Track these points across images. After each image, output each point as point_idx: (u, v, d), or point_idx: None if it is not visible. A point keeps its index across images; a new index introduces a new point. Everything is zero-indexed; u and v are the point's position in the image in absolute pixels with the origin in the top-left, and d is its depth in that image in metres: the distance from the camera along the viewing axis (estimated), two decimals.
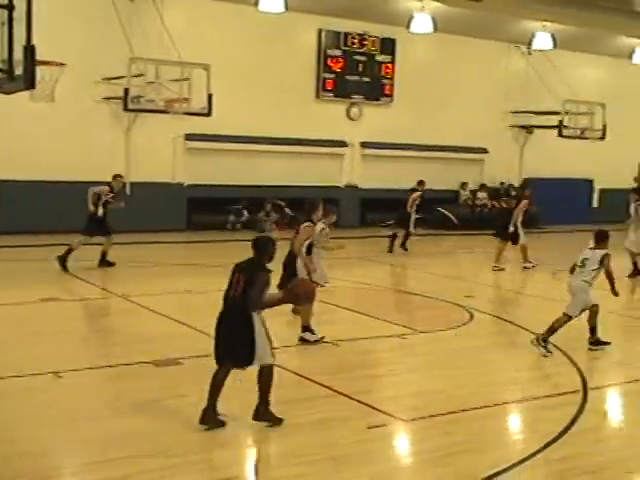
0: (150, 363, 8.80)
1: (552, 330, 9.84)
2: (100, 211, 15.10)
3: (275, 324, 7.67)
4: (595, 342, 10.17)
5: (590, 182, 28.64)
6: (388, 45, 24.21)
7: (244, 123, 21.81)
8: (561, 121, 24.05)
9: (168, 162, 21.21)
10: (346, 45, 23.57)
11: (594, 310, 10.03)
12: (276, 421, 6.97)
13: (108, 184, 15.32)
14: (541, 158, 26.53)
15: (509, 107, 26.42)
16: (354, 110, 24.08)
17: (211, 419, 6.84)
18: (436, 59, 25.10)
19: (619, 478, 6.45)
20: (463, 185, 25.84)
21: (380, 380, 8.95)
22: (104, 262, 15.34)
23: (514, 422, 7.96)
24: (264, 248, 7.05)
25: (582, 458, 6.68)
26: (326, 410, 7.49)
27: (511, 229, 16.91)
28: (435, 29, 22.45)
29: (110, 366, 8.79)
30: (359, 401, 7.78)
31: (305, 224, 10.22)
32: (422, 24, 22.28)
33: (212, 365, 6.93)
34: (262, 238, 7.34)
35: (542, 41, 24.46)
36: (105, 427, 6.92)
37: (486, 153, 26.04)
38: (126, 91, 17.83)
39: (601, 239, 10.32)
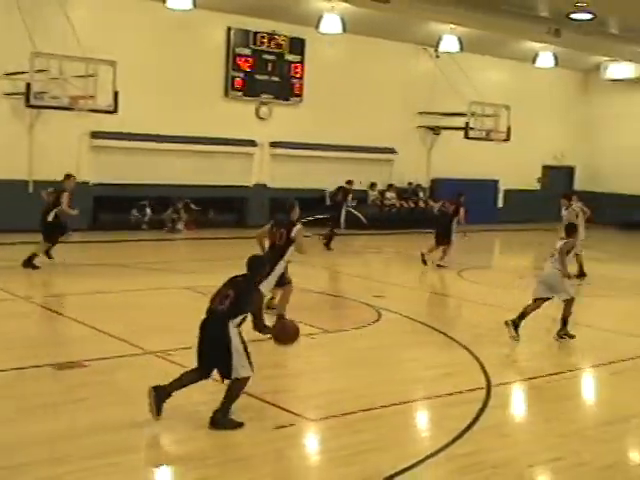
0: (51, 366, 8.58)
1: (523, 315, 10.99)
2: (73, 212, 15.11)
3: None
4: (564, 334, 11.01)
5: (495, 183, 29.34)
6: (297, 45, 24.24)
7: (152, 121, 21.51)
8: (467, 123, 24.56)
9: (73, 160, 20.70)
10: (255, 44, 23.49)
11: (569, 301, 10.98)
12: (236, 426, 6.94)
13: (63, 190, 15.08)
14: (448, 159, 27.04)
15: (417, 108, 26.82)
16: (264, 109, 24.03)
17: (158, 400, 6.86)
18: (345, 59, 25.27)
19: (521, 472, 6.60)
20: (372, 185, 26.08)
21: (288, 380, 8.95)
22: (30, 264, 14.74)
23: (421, 419, 8.07)
24: (259, 268, 7.41)
25: (486, 453, 6.81)
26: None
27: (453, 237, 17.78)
28: (344, 30, 22.59)
29: (3, 370, 8.50)
30: (266, 401, 7.75)
31: (298, 226, 10.61)
32: (331, 24, 22.40)
33: (119, 367, 6.80)
34: (257, 257, 7.59)
35: (449, 44, 24.90)
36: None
37: (394, 154, 26.36)
38: (28, 87, 17.33)
39: (570, 231, 11.33)
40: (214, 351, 6.92)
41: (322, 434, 7.29)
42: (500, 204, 29.69)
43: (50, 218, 14.99)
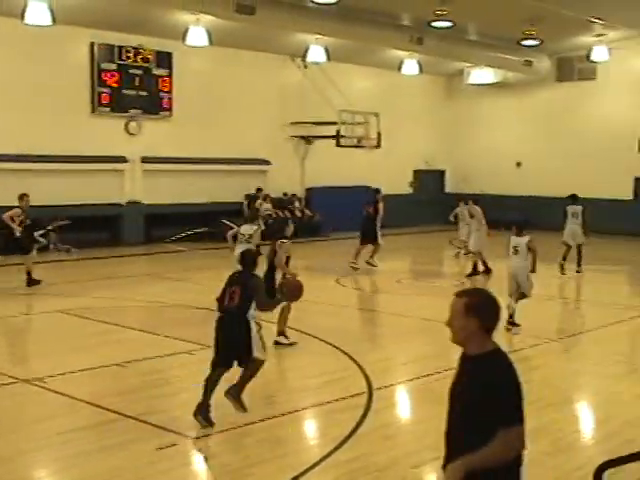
0: None
1: (511, 315, 11.93)
2: (17, 232, 15.77)
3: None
4: (512, 323, 11.87)
5: (368, 189, 29.80)
6: (164, 58, 23.97)
7: (16, 141, 20.81)
8: (338, 131, 24.89)
9: None
10: (121, 59, 23.09)
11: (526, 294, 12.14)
12: (243, 408, 7.62)
13: (18, 206, 15.97)
14: (322, 167, 27.33)
15: (288, 118, 27.01)
16: (133, 125, 23.62)
17: (204, 415, 7.47)
18: (214, 72, 25.19)
19: (405, 473, 6.72)
20: (247, 196, 25.93)
21: (168, 399, 8.81)
22: (32, 281, 15.69)
23: (305, 428, 8.11)
24: (253, 261, 8.09)
25: (370, 457, 6.91)
26: (113, 435, 7.27)
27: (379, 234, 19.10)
28: (211, 42, 22.49)
29: None
30: (147, 422, 7.61)
31: (282, 240, 11.15)
32: (197, 37, 22.24)
33: None
34: (250, 252, 8.37)
35: (316, 54, 25.15)
36: None
37: (268, 164, 26.43)
38: None
39: (521, 229, 12.31)
40: (235, 344, 7.61)
41: (206, 451, 7.21)
42: None
43: (17, 234, 15.87)
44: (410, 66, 27.79)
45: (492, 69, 29.88)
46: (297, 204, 27.41)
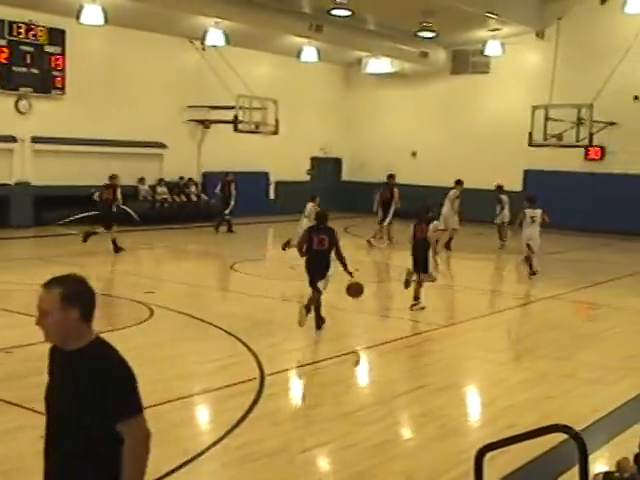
0: None
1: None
2: None
3: None
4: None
5: (266, 175, 29.81)
6: (57, 36, 23.22)
7: None
8: (236, 116, 24.72)
9: None
10: (11, 34, 22.26)
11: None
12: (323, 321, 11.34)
13: None
14: (219, 152, 27.09)
15: (185, 102, 26.67)
16: (23, 103, 22.84)
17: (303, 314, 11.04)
18: (110, 52, 24.61)
19: (295, 457, 6.75)
20: (141, 180, 25.56)
21: None
22: None
23: (197, 414, 8.06)
24: (327, 216, 11.51)
25: (260, 443, 6.91)
26: None
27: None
28: (107, 21, 21.92)
29: None
30: (33, 410, 7.40)
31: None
32: (92, 16, 21.62)
33: None
34: (325, 213, 11.68)
35: (215, 37, 24.87)
36: None
37: (164, 148, 26.04)
38: None
39: (534, 200, 16.33)
40: (324, 270, 11.16)
41: None
42: (272, 196, 30.19)
43: None
44: (309, 53, 27.83)
45: (389, 59, 30.22)
46: (193, 189, 27.13)
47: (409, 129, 31.62)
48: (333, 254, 11.25)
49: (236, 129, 24.92)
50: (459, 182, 21.99)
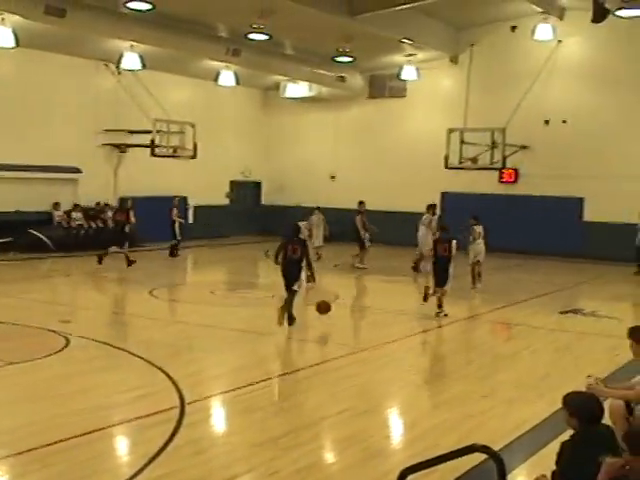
0: None
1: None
2: None
3: None
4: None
5: (185, 199, 29.52)
6: None
7: None
8: (153, 140, 24.46)
9: None
10: None
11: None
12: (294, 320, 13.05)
13: None
14: (136, 177, 26.78)
15: (101, 126, 26.30)
16: None
17: (290, 321, 12.94)
18: (21, 75, 24.09)
19: None
20: (55, 205, 25.03)
21: None
22: None
23: (116, 445, 7.86)
24: (300, 229, 13.57)
25: (181, 473, 6.78)
26: None
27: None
28: (17, 43, 21.46)
29: None
30: None
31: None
32: (3, 38, 21.15)
33: None
34: (297, 224, 13.70)
35: (130, 61, 24.60)
36: None
37: (79, 173, 25.55)
38: None
39: (478, 217, 18.61)
40: (295, 275, 13.00)
41: (10, 474, 6.84)
42: (191, 220, 29.94)
43: None
44: (227, 77, 27.84)
45: (307, 83, 30.47)
46: (109, 214, 26.64)
47: (328, 152, 31.87)
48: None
49: (153, 153, 24.65)
50: (432, 206, 22.60)
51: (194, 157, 25.80)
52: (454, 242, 14.77)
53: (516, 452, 7.53)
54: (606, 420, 6.20)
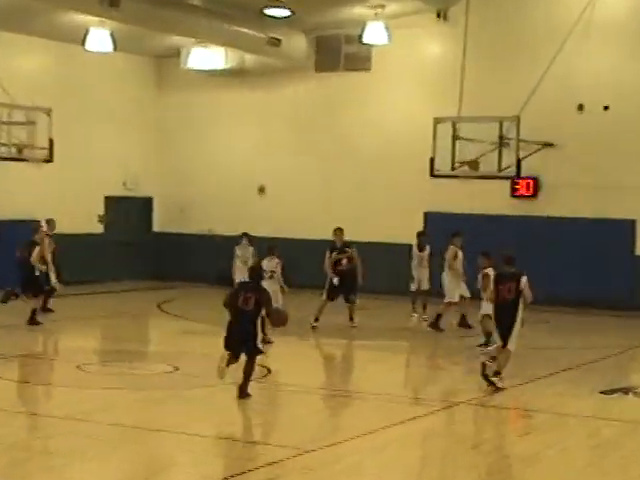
0: None
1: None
2: None
3: None
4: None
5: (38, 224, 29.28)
6: None
7: None
8: None
9: None
10: None
11: None
12: (248, 396, 14.24)
13: None
14: None
15: None
16: None
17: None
18: None
19: None
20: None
21: None
22: None
23: None
24: (261, 274, 15.78)
25: None
26: None
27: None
28: None
29: None
30: None
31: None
32: None
33: None
34: (257, 267, 16.17)
35: None
36: None
37: None
38: None
39: (489, 256, 18.79)
40: (247, 337, 14.37)
41: None
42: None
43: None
44: (99, 39, 27.58)
45: (223, 48, 30.40)
46: None
47: (254, 153, 31.94)
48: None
49: None
50: (422, 234, 24.15)
51: (50, 160, 25.59)
52: (523, 279, 15.56)
53: None
54: None
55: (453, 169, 25.30)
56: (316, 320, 22.62)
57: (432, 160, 25.12)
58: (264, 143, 31.88)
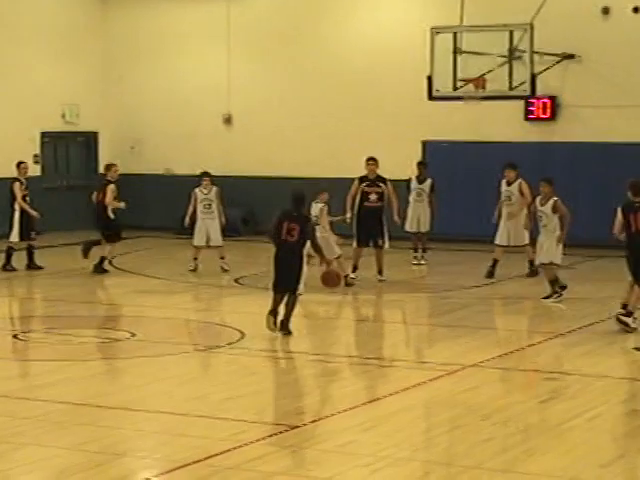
0: None
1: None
2: None
3: None
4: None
5: None
6: None
7: None
8: None
9: None
10: None
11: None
12: (290, 332, 16.61)
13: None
14: None
15: None
16: None
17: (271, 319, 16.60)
18: None
19: None
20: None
21: None
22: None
23: None
24: (305, 200, 17.00)
25: None
26: None
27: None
28: None
29: None
30: None
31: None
32: None
33: None
34: (300, 192, 16.79)
35: None
36: None
37: None
38: None
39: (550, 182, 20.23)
40: (292, 271, 16.45)
41: None
42: None
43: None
44: None
45: None
46: None
47: (218, 76, 31.86)
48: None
49: None
50: (422, 163, 24.87)
51: None
52: None
53: None
54: None
55: (455, 89, 25.30)
56: (354, 270, 22.92)
57: (430, 79, 25.11)
58: (229, 64, 31.75)
